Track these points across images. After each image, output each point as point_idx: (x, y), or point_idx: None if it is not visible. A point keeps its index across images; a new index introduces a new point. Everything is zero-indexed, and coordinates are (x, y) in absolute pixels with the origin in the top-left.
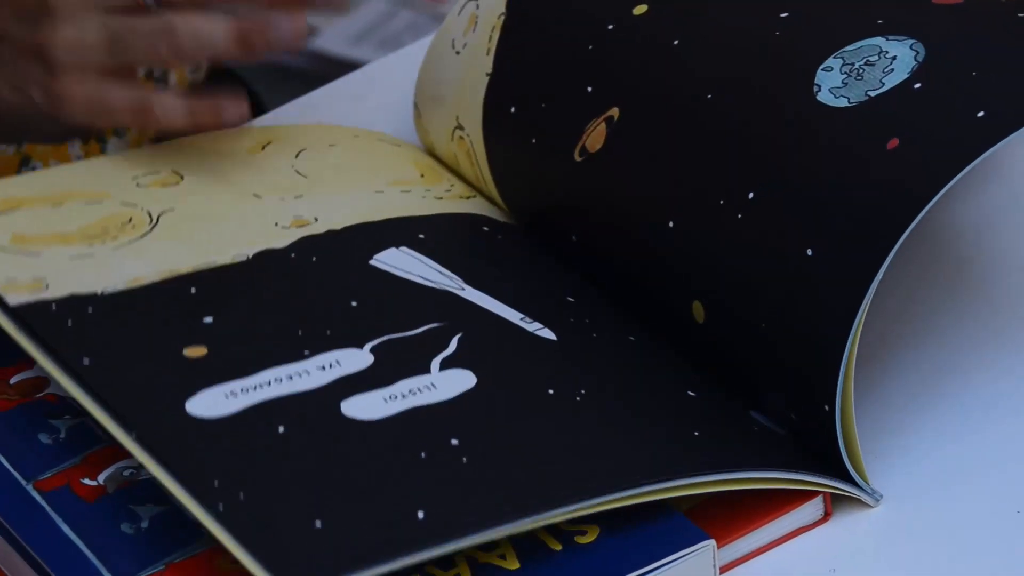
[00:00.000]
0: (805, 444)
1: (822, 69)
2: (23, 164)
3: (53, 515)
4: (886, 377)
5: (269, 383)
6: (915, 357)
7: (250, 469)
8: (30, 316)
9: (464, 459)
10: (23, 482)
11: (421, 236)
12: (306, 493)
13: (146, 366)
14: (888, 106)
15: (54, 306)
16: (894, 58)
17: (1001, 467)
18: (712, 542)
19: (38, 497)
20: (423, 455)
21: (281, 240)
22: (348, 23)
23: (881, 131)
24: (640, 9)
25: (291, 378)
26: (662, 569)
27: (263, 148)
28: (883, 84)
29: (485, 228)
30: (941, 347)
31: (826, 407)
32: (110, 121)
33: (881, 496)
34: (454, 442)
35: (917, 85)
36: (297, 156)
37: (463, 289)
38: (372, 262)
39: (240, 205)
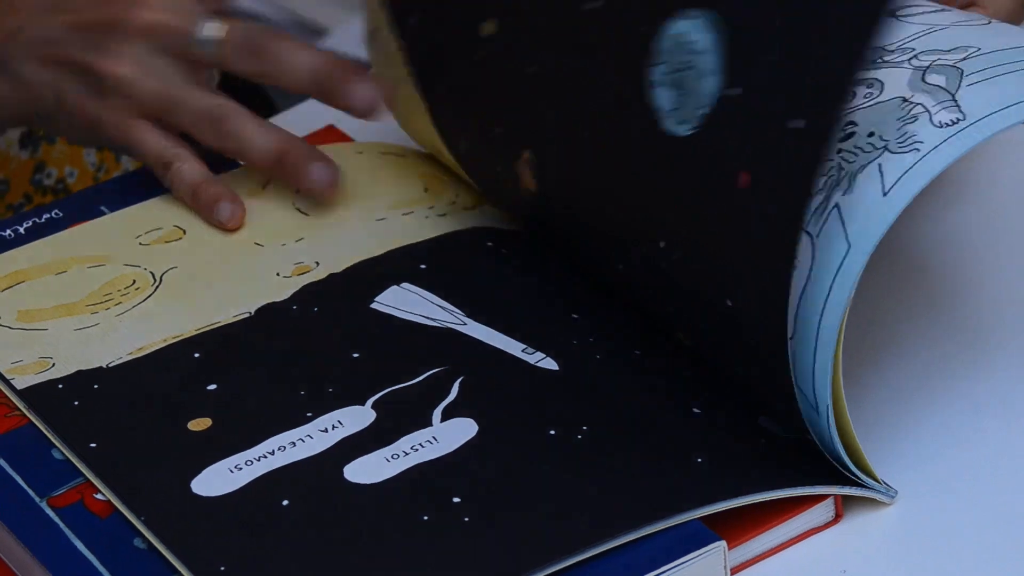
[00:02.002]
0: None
1: (654, 87)
2: (37, 170)
3: (66, 531)
4: (898, 377)
5: (273, 452)
6: (928, 357)
7: (254, 550)
8: (37, 399)
9: (466, 518)
10: (36, 498)
11: (423, 267)
12: (310, 572)
13: (151, 444)
14: (722, 130)
15: (60, 385)
16: (701, 53)
17: (1014, 467)
18: (723, 543)
19: (51, 513)
20: (425, 517)
21: (283, 292)
22: (358, 23)
23: (729, 165)
24: (489, 29)
25: (294, 444)
26: (673, 570)
27: (264, 188)
28: (704, 96)
29: (489, 243)
30: (955, 347)
31: (809, 435)
32: (131, 155)
33: (896, 493)
34: (456, 500)
35: (736, 91)
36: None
37: (464, 324)
38: (373, 305)
39: (242, 257)
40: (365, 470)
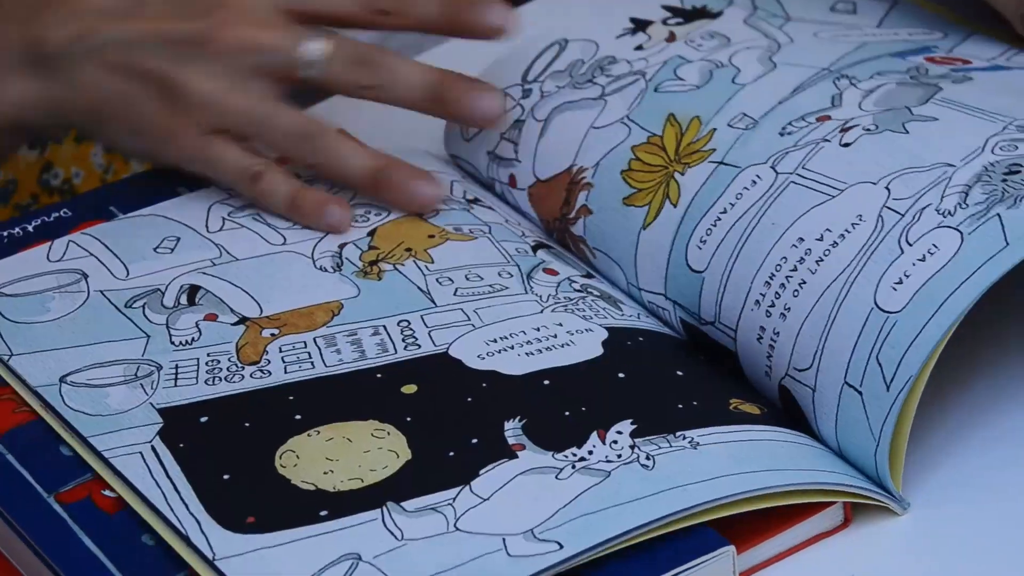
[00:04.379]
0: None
1: None
2: (44, 170)
3: (74, 527)
4: None
5: None
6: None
7: None
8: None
9: None
10: (44, 494)
11: None
12: None
13: None
14: None
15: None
16: None
17: None
18: (732, 548)
19: (59, 509)
20: None
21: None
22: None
23: None
24: None
25: None
26: (682, 575)
27: None
28: None
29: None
30: (966, 350)
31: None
32: (210, 175)
33: (909, 504)
34: None
35: None
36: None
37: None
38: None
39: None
40: None
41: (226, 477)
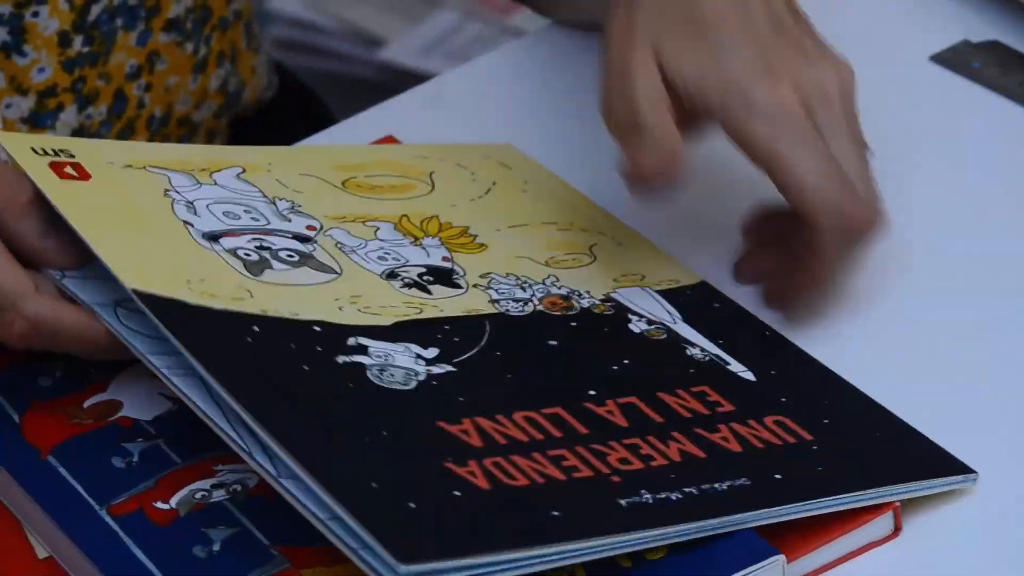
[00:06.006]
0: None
1: None
2: None
3: (126, 539)
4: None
5: None
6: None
7: None
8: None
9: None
10: (96, 507)
11: None
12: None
13: None
14: None
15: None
16: None
17: None
18: (782, 557)
19: (111, 522)
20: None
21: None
22: (417, 35)
23: None
24: None
25: None
26: None
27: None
28: None
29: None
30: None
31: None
32: None
33: (977, 475)
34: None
35: None
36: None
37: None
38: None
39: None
40: None
41: None
